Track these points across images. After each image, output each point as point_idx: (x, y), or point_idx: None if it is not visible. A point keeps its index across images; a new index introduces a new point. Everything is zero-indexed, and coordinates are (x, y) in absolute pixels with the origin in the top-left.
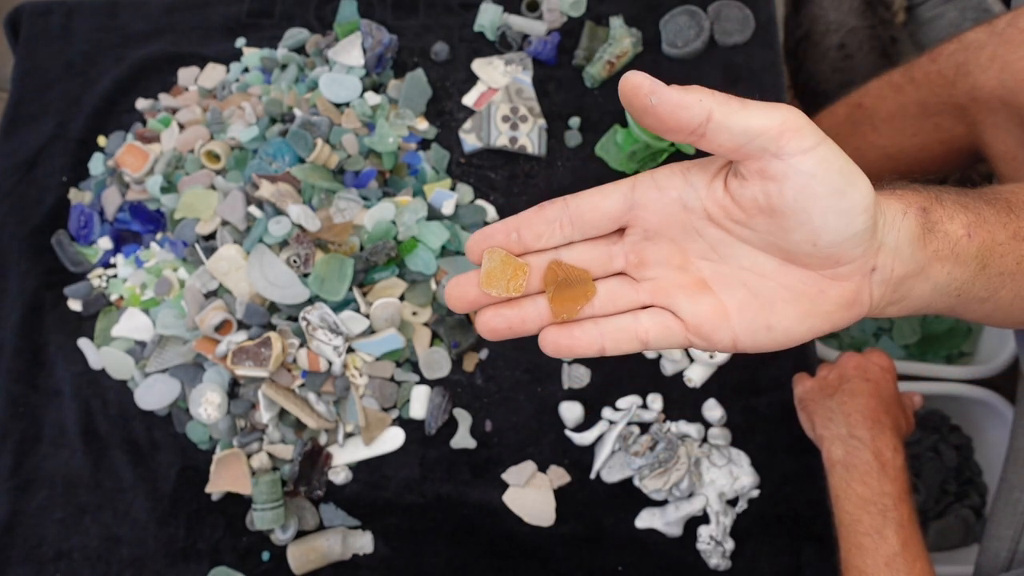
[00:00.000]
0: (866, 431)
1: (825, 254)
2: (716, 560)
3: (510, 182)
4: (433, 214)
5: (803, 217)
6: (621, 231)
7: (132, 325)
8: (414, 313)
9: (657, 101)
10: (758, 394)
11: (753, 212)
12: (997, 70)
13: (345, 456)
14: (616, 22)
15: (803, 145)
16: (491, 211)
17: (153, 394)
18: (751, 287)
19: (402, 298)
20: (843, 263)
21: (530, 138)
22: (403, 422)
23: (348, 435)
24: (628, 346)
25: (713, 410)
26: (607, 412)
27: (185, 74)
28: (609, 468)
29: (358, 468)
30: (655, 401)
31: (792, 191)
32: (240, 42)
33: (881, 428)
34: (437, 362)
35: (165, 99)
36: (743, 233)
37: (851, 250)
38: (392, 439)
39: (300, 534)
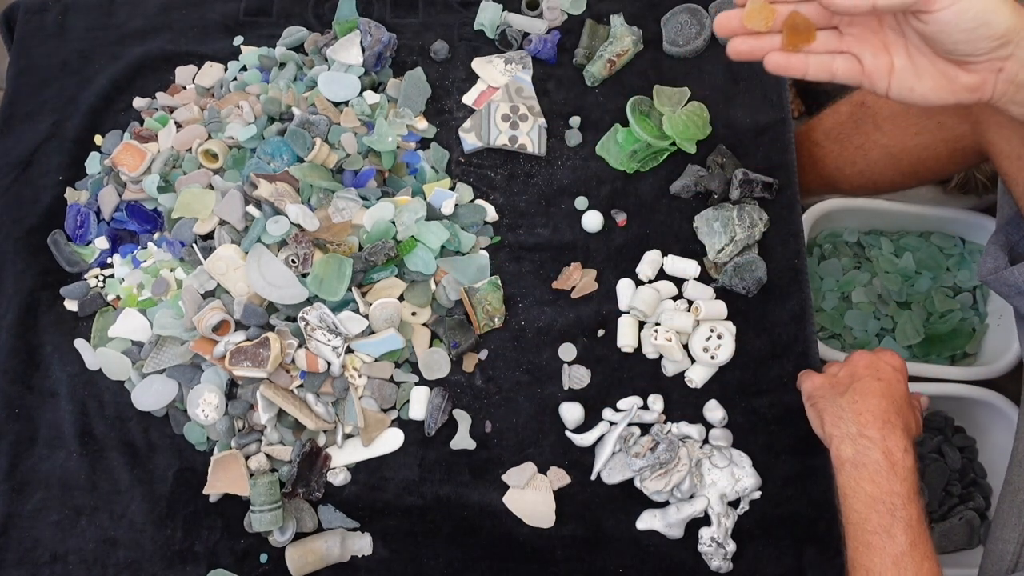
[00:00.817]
0: (876, 431)
1: (958, 58)
2: (718, 562)
3: (510, 181)
4: (432, 214)
5: (941, 41)
6: None
7: (129, 325)
8: (413, 313)
9: (835, 8)
10: (759, 395)
11: (911, 27)
12: None
13: (344, 457)
14: (617, 20)
15: (945, 3)
16: (491, 210)
17: (150, 395)
18: (912, 58)
19: (401, 298)
20: (972, 64)
21: (530, 137)
22: (402, 423)
23: (347, 436)
24: (822, 75)
25: (714, 411)
26: (608, 413)
27: (182, 73)
28: (610, 469)
29: (357, 469)
30: (656, 402)
31: (933, 29)
32: (238, 40)
33: (892, 428)
34: (436, 363)
35: (162, 98)
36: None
37: (978, 58)
38: (391, 440)
39: (298, 536)
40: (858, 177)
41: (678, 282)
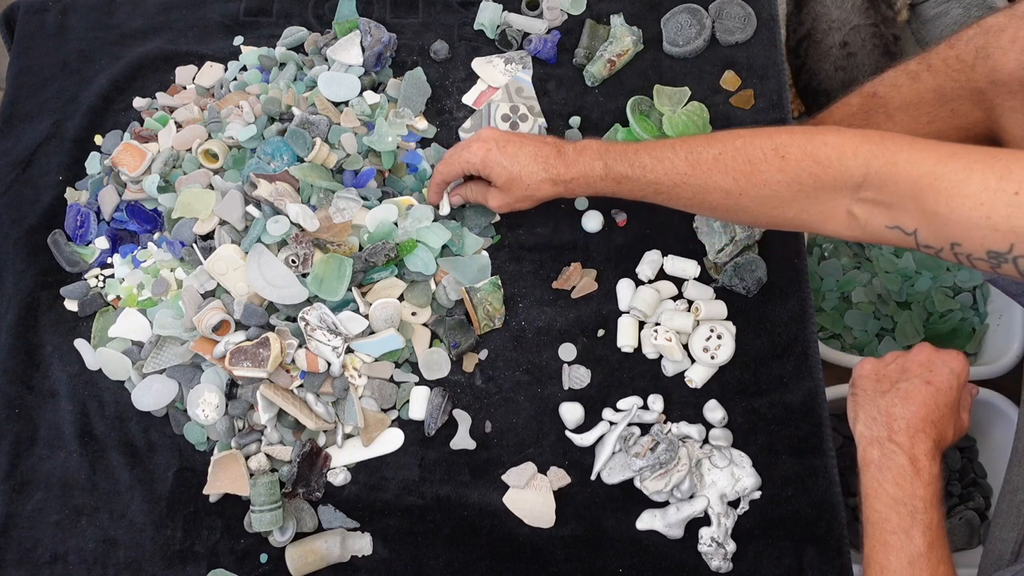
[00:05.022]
0: (906, 438)
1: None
2: (718, 562)
3: None
4: (434, 214)
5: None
6: None
7: (129, 325)
8: (413, 313)
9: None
10: (759, 395)
11: None
12: (1018, 52)
13: (344, 457)
14: (617, 20)
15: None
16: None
17: (150, 395)
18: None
19: (401, 298)
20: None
21: None
22: (402, 423)
23: (347, 436)
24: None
25: (714, 411)
26: (608, 413)
27: (182, 72)
28: (610, 469)
29: (357, 469)
30: (656, 402)
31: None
32: (238, 40)
33: (923, 438)
34: (436, 363)
35: (162, 98)
36: None
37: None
38: (391, 440)
39: (298, 536)
40: None
41: (678, 282)
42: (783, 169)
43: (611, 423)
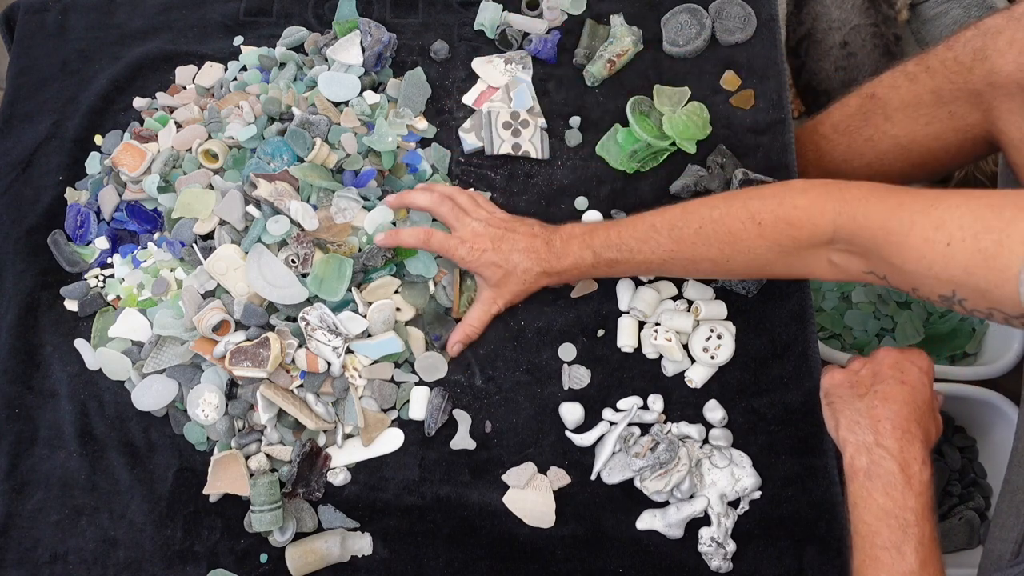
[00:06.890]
0: (894, 442)
1: None
2: (718, 562)
3: (510, 181)
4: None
5: None
6: None
7: (129, 326)
8: (398, 309)
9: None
10: (760, 395)
11: None
12: (1015, 54)
13: (344, 457)
14: (617, 20)
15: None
16: None
17: (150, 395)
18: None
19: (396, 295)
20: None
21: (533, 143)
22: (402, 423)
23: (347, 436)
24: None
25: (714, 411)
26: (608, 413)
27: (182, 72)
28: (610, 469)
29: (357, 469)
30: (656, 402)
31: None
32: (238, 40)
33: (911, 439)
34: (433, 366)
35: (162, 98)
36: None
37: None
38: (391, 440)
39: (298, 536)
40: (866, 170)
41: (678, 282)
42: (762, 235)
43: (611, 423)
